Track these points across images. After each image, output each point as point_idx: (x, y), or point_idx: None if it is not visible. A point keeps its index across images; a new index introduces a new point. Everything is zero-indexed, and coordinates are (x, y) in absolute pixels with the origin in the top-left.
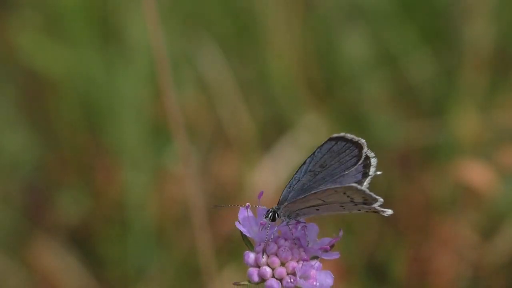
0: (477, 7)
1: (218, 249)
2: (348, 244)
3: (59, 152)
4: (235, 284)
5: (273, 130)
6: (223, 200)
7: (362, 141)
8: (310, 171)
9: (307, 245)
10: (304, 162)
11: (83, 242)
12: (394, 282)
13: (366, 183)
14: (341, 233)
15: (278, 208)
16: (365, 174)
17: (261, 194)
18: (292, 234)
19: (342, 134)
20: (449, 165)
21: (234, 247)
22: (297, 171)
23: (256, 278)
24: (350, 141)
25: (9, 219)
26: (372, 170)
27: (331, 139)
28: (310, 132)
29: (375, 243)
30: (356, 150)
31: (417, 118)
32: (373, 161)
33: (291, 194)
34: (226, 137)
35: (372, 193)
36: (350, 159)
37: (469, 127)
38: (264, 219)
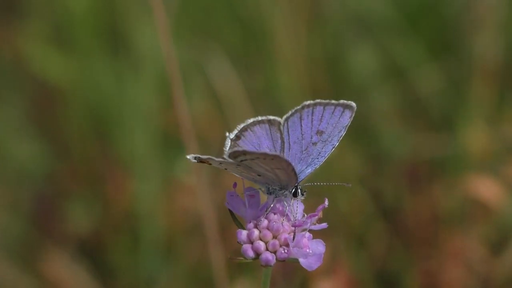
0: (485, 19)
1: (229, 261)
2: (358, 257)
3: (69, 162)
4: (230, 258)
5: None
6: None
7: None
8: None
9: (295, 220)
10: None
11: (93, 252)
12: None
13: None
14: (326, 202)
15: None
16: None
17: (234, 185)
18: (280, 209)
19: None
20: (458, 178)
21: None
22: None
23: (251, 254)
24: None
25: (19, 229)
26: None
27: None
28: None
29: (384, 256)
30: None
31: (426, 130)
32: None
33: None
34: None
35: None
36: None
37: (478, 140)
38: (291, 197)
